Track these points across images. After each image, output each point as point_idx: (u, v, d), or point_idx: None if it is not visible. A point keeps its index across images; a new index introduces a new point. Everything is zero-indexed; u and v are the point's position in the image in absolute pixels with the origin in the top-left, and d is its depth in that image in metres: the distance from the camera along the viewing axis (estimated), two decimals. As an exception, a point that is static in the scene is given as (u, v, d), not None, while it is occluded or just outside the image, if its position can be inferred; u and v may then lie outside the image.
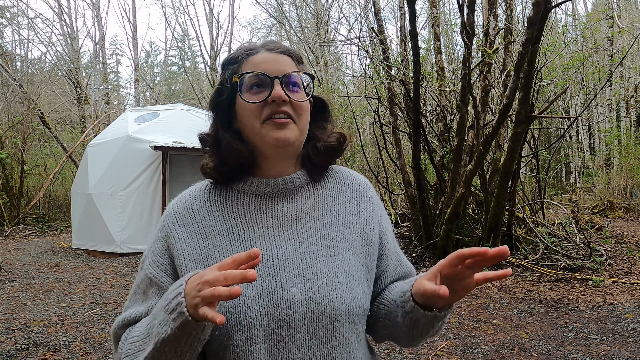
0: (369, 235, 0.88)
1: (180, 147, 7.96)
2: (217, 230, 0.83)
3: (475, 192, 7.48)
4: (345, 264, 0.82)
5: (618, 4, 18.27)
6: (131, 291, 0.89)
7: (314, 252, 0.82)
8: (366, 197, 0.93)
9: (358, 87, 14.89)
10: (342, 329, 0.78)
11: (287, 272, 0.79)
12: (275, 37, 25.83)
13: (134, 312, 0.83)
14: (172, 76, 36.80)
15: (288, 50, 0.87)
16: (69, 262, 7.45)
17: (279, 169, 0.87)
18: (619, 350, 3.37)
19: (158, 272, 0.83)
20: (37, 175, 14.28)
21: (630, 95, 18.30)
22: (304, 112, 0.84)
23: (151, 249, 0.87)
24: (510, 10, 7.42)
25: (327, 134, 0.91)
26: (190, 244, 0.82)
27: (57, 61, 17.44)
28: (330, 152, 0.90)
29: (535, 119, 6.25)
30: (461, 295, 0.73)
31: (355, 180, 0.95)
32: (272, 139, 0.81)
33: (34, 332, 3.99)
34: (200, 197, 0.88)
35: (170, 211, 0.87)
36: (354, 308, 0.79)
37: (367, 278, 0.86)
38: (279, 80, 0.81)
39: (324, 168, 0.91)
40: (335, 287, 0.79)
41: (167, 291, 0.72)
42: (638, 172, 14.23)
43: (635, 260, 6.82)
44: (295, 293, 0.77)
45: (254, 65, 0.83)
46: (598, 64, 14.48)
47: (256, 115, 0.81)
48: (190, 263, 0.81)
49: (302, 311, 0.77)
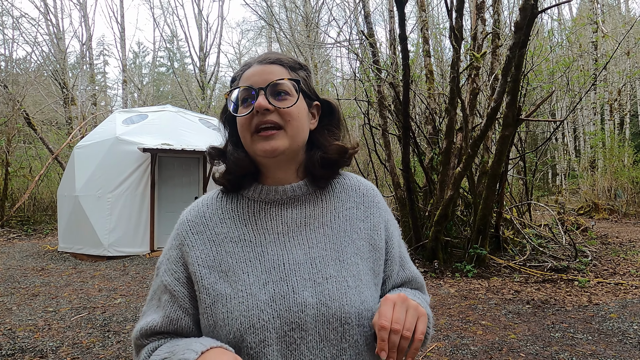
0: (375, 241, 0.90)
1: (169, 149, 7.90)
2: (230, 237, 0.86)
3: (463, 194, 7.56)
4: (354, 268, 0.85)
5: (602, 10, 18.64)
6: (148, 296, 0.92)
7: (324, 257, 0.84)
8: (373, 203, 0.95)
9: (348, 90, 14.95)
10: (352, 332, 0.80)
11: (298, 276, 0.82)
12: (264, 39, 25.81)
13: (150, 320, 0.86)
14: (161, 77, 36.49)
15: (279, 59, 0.88)
16: (55, 266, 7.33)
17: (280, 176, 0.89)
18: (604, 350, 3.44)
19: (172, 279, 0.86)
20: (22, 177, 14.04)
21: (614, 98, 18.67)
22: (293, 118, 0.84)
23: (166, 256, 0.90)
24: (497, 15, 7.52)
25: (331, 142, 0.92)
26: (204, 251, 0.85)
27: (42, 61, 17.20)
28: (329, 166, 0.91)
29: (522, 122, 6.35)
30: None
31: (363, 186, 0.96)
32: (260, 151, 0.83)
33: (20, 337, 3.92)
34: (212, 205, 0.91)
35: (184, 219, 0.90)
36: (363, 311, 0.82)
37: (375, 282, 0.88)
38: (263, 91, 0.83)
39: (325, 179, 0.92)
40: (345, 290, 0.81)
41: (192, 342, 0.77)
42: (622, 174, 14.51)
43: (619, 261, 6.95)
44: (307, 296, 0.80)
45: (245, 80, 0.86)
46: (583, 68, 14.75)
47: (247, 128, 0.84)
48: (204, 270, 0.83)
49: (313, 314, 0.79)
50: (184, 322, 0.84)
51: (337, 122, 0.95)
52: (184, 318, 0.84)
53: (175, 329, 0.84)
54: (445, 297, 5.06)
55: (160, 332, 0.85)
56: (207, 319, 0.81)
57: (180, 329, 0.84)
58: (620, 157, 15.62)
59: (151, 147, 7.80)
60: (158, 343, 0.84)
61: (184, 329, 0.84)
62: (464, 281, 5.77)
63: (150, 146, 7.81)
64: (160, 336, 0.85)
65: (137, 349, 0.87)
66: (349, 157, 0.93)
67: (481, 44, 7.40)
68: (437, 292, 5.30)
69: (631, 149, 16.59)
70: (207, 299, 0.81)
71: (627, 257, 7.26)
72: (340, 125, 0.96)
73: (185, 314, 0.84)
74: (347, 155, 0.92)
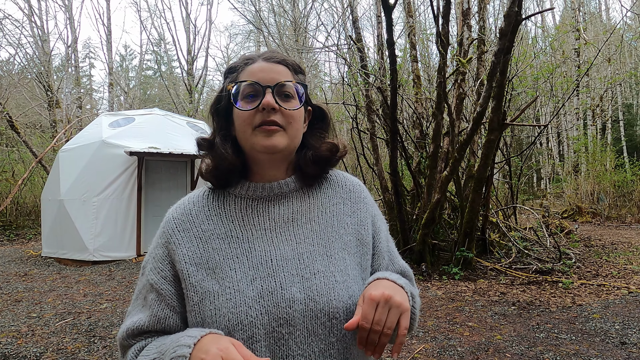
0: (363, 235, 0.91)
1: (156, 153, 7.84)
2: (216, 233, 0.86)
3: (450, 197, 7.65)
4: (341, 263, 0.86)
5: (584, 18, 19.08)
6: (133, 296, 0.91)
7: (311, 252, 0.85)
8: (360, 198, 0.96)
9: (336, 94, 15.01)
10: (340, 326, 0.81)
11: (285, 272, 0.82)
12: (252, 43, 25.79)
13: (137, 320, 0.85)
14: (148, 80, 36.16)
15: (285, 60, 0.89)
16: (38, 271, 7.20)
17: (271, 174, 0.90)
18: (587, 349, 3.50)
19: (159, 278, 0.85)
20: (4, 181, 13.76)
21: (596, 104, 19.09)
22: (294, 120, 0.86)
23: (152, 255, 0.89)
24: (483, 22, 7.66)
25: (322, 143, 0.93)
26: (191, 248, 0.84)
27: (26, 64, 16.92)
28: (321, 162, 0.92)
29: (507, 127, 6.45)
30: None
31: (349, 181, 0.98)
32: (260, 146, 0.83)
33: (3, 343, 3.84)
34: (199, 202, 0.90)
35: (170, 217, 0.89)
36: (350, 306, 0.82)
37: (362, 277, 0.88)
38: (270, 89, 0.83)
39: (315, 177, 0.93)
40: (333, 285, 0.82)
41: (179, 337, 0.75)
42: (604, 178, 14.81)
43: (602, 263, 7.09)
44: (295, 292, 0.80)
45: (250, 74, 0.86)
46: (566, 74, 15.05)
47: (248, 122, 0.84)
48: (192, 267, 0.83)
49: (301, 309, 0.80)
50: (171, 321, 0.83)
51: (327, 127, 0.96)
52: (171, 316, 0.83)
53: (162, 327, 0.84)
54: (433, 300, 5.10)
55: (147, 331, 0.84)
56: (194, 317, 0.81)
57: (167, 328, 0.84)
58: (602, 162, 15.95)
59: (138, 150, 7.73)
60: (145, 342, 0.84)
61: (172, 328, 0.84)
62: (451, 283, 5.83)
63: (137, 149, 7.74)
64: (147, 335, 0.85)
65: (123, 349, 0.86)
66: (339, 155, 0.94)
67: (467, 49, 7.52)
68: (425, 294, 5.34)
69: (613, 154, 16.97)
70: (195, 297, 0.81)
71: (610, 259, 7.41)
72: (329, 130, 0.97)
73: (172, 312, 0.83)
74: (338, 153, 0.93)
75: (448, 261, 6.57)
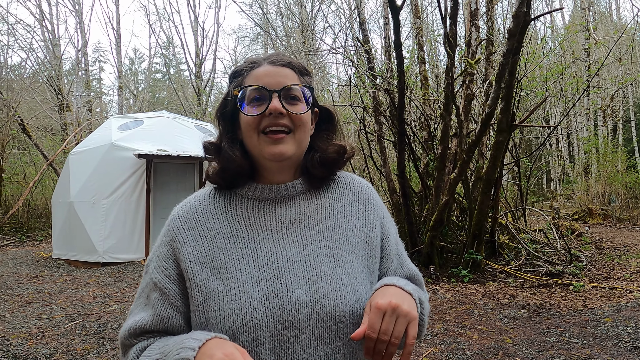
0: (371, 238, 0.90)
1: (165, 155, 7.89)
2: (222, 232, 0.84)
3: (459, 199, 7.59)
4: (349, 266, 0.84)
5: (594, 17, 18.88)
6: (136, 295, 0.90)
7: (318, 254, 0.84)
8: (368, 200, 0.94)
9: (343, 96, 15.01)
10: (346, 330, 0.80)
11: (291, 274, 0.81)
12: (260, 46, 25.91)
13: (139, 319, 0.84)
14: (156, 83, 36.48)
15: (291, 63, 0.88)
16: (49, 273, 7.28)
17: (279, 178, 0.89)
18: (599, 354, 3.45)
19: (162, 277, 0.84)
20: (16, 183, 13.96)
21: (607, 104, 18.87)
22: (302, 124, 0.85)
23: (156, 253, 0.88)
24: (491, 22, 7.61)
25: (329, 145, 0.92)
26: (196, 247, 0.83)
27: (38, 68, 17.16)
28: (328, 165, 0.91)
29: (516, 128, 6.40)
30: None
31: (357, 183, 0.96)
32: (267, 154, 0.83)
33: (13, 345, 3.88)
34: (204, 201, 0.89)
35: (175, 215, 0.88)
36: (357, 309, 0.81)
37: (370, 280, 0.87)
38: (277, 94, 0.83)
39: (322, 179, 0.92)
40: (339, 289, 0.81)
41: (183, 339, 0.74)
42: (615, 179, 14.62)
43: (613, 265, 6.99)
44: (301, 295, 0.79)
45: (255, 79, 0.85)
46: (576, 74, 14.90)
47: (254, 127, 0.84)
48: (197, 266, 0.82)
49: (307, 312, 0.78)
50: (174, 320, 0.82)
51: (334, 129, 0.96)
52: (174, 316, 0.82)
53: (165, 327, 0.82)
54: (441, 302, 5.06)
55: (149, 330, 0.83)
56: (198, 317, 0.80)
57: (170, 328, 0.83)
58: (613, 163, 15.76)
59: (147, 153, 7.79)
60: (147, 342, 0.83)
61: (175, 327, 0.83)
62: (460, 286, 5.78)
63: (145, 152, 7.80)
64: (150, 335, 0.84)
65: (125, 349, 0.85)
66: (347, 157, 0.93)
67: (475, 50, 7.47)
68: (433, 297, 5.30)
69: (624, 155, 16.76)
70: (199, 296, 0.80)
71: (621, 261, 7.31)
72: (336, 131, 0.96)
73: (176, 312, 0.82)
74: (346, 154, 0.92)
75: (457, 263, 6.52)
